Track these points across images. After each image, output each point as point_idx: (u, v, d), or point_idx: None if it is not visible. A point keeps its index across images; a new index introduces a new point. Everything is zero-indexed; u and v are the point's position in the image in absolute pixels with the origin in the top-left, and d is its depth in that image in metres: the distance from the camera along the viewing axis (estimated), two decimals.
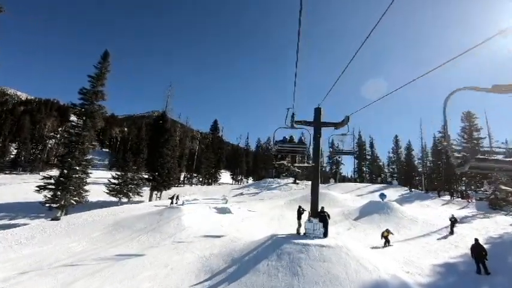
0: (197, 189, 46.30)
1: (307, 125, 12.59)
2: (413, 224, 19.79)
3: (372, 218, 21.53)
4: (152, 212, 19.20)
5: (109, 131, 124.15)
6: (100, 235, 15.73)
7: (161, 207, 20.02)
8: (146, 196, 34.99)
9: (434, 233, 17.46)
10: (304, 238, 10.90)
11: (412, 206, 27.92)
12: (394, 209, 22.43)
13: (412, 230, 18.31)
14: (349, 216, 23.03)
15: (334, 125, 12.31)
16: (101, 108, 24.23)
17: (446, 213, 23.93)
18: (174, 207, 19.32)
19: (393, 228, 19.19)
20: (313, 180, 12.10)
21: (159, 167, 34.73)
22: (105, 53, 24.68)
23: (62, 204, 21.15)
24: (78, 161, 22.61)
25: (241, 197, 38.01)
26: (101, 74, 24.15)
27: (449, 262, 11.35)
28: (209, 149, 65.40)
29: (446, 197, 33.09)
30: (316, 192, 11.85)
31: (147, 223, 17.22)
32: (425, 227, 19.03)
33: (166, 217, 17.96)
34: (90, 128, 23.54)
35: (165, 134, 35.29)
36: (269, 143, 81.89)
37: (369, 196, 35.01)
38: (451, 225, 17.16)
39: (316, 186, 11.89)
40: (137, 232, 15.80)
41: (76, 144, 22.54)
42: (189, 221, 17.49)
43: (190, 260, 11.26)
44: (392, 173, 57.97)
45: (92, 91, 23.68)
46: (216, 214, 20.47)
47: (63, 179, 21.69)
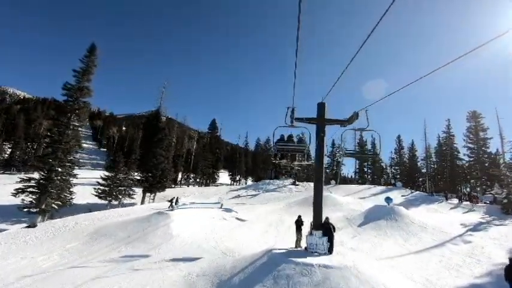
0: (194, 190, 44.64)
1: (309, 123, 10.97)
2: (423, 231, 18.18)
3: (378, 225, 19.91)
4: (139, 218, 17.55)
5: (106, 130, 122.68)
6: (76, 246, 14.09)
7: (148, 214, 18.35)
8: (139, 198, 33.38)
9: (447, 242, 15.84)
10: (306, 255, 9.28)
11: (418, 210, 26.31)
12: (402, 214, 20.80)
13: (423, 239, 16.68)
14: (353, 222, 21.41)
15: (341, 123, 10.68)
16: (86, 105, 22.57)
17: (457, 219, 22.38)
18: (163, 213, 17.69)
19: (401, 237, 17.66)
20: (316, 184, 10.43)
21: (152, 168, 33.11)
22: (91, 46, 23.00)
23: (41, 209, 19.49)
24: (61, 161, 20.94)
25: (238, 199, 36.40)
26: (87, 69, 22.48)
27: (475, 284, 9.72)
28: (207, 149, 63.79)
29: (453, 200, 31.41)
30: (319, 200, 10.21)
31: (132, 231, 15.58)
32: (436, 235, 17.41)
33: (154, 224, 16.33)
34: (75, 126, 21.89)
35: (159, 133, 33.66)
36: (268, 143, 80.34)
37: (372, 199, 33.38)
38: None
39: (320, 192, 10.25)
40: (119, 242, 14.16)
41: (59, 143, 20.88)
42: (179, 228, 15.86)
43: (173, 279, 9.63)
44: (395, 175, 56.36)
45: (76, 87, 22.02)
46: (209, 220, 18.86)
47: (44, 182, 20.03)
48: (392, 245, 15.85)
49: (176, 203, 27.00)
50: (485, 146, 46.14)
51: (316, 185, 10.32)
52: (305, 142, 38.28)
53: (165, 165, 34.25)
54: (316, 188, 10.28)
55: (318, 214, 10.17)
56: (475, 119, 47.00)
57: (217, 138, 72.63)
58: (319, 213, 10.16)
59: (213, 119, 71.95)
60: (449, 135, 50.73)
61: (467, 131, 47.27)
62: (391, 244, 16.12)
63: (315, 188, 10.27)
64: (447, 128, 51.20)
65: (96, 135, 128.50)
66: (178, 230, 15.66)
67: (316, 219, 10.14)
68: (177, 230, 15.51)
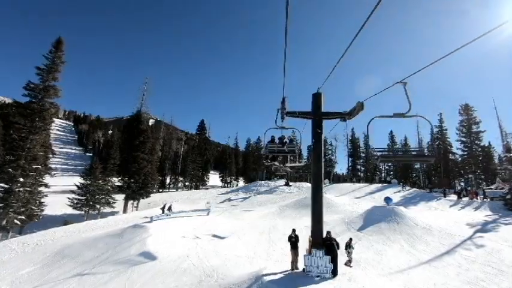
0: (181, 195, 42.34)
1: (303, 117, 9.16)
2: (429, 234, 16.66)
3: (378, 228, 18.31)
4: (111, 232, 15.39)
5: (92, 134, 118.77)
6: (32, 271, 11.87)
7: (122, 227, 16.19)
8: (121, 206, 30.98)
9: (458, 247, 14.32)
10: (305, 281, 7.46)
11: (418, 209, 24.90)
12: (403, 215, 19.28)
13: (430, 244, 15.12)
14: (351, 226, 19.76)
15: (341, 116, 8.87)
16: (53, 107, 20.17)
17: (461, 218, 21.03)
18: (139, 226, 15.56)
19: (406, 241, 16.09)
20: (314, 192, 8.59)
21: (134, 173, 30.75)
22: (57, 40, 20.56)
23: (1, 226, 17.06)
24: (24, 170, 18.52)
25: (228, 204, 34.41)
26: (53, 66, 20.09)
27: None
28: (195, 151, 61.49)
29: (452, 196, 30.28)
30: (319, 210, 8.38)
31: (101, 249, 13.43)
32: (444, 238, 15.91)
33: (128, 240, 14.21)
34: (40, 130, 19.48)
35: (140, 135, 31.29)
36: (259, 143, 78.63)
37: (368, 198, 32.01)
38: None
39: (319, 200, 8.41)
40: (83, 265, 12.00)
41: (21, 150, 18.45)
42: (157, 244, 13.78)
43: None
44: (388, 171, 55.46)
45: (41, 86, 19.61)
46: (193, 231, 16.84)
47: (3, 194, 17.59)
48: (398, 253, 14.23)
49: (169, 209, 24.92)
50: (478, 139, 45.63)
51: (314, 193, 8.48)
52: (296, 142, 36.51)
53: (148, 169, 31.92)
54: (314, 196, 8.43)
55: (317, 228, 8.34)
56: (467, 112, 46.43)
57: (206, 140, 70.41)
58: (319, 226, 8.34)
59: (201, 120, 69.85)
60: (442, 130, 50.12)
61: (460, 125, 46.68)
62: (396, 251, 14.50)
63: (314, 196, 8.43)
64: (439, 122, 50.57)
65: (81, 140, 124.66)
66: (156, 246, 13.59)
67: (316, 234, 8.31)
68: (155, 247, 13.44)
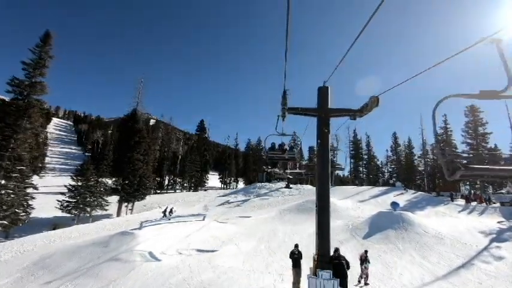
0: (178, 197, 41.09)
1: (306, 114, 7.98)
2: (441, 243, 15.44)
3: (386, 236, 17.09)
4: (97, 240, 14.20)
5: (91, 134, 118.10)
6: (4, 284, 10.69)
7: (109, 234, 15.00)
8: (114, 209, 29.80)
9: (476, 259, 13.12)
10: None
11: (426, 215, 23.67)
12: (411, 222, 18.05)
13: (444, 256, 13.90)
14: (356, 233, 18.52)
15: (352, 114, 7.64)
16: (40, 104, 19.01)
17: (472, 225, 19.73)
18: (127, 233, 14.37)
19: (417, 252, 14.86)
20: (320, 200, 7.36)
21: (129, 174, 29.59)
22: (46, 34, 19.39)
23: None
24: (7, 172, 17.36)
25: (226, 207, 33.20)
26: (40, 61, 18.94)
27: None
28: (194, 151, 60.36)
29: (459, 200, 29.03)
30: (324, 222, 7.16)
31: (84, 260, 12.23)
32: (458, 248, 14.70)
33: (114, 249, 13.02)
34: (25, 129, 18.33)
35: (136, 135, 30.13)
36: (260, 144, 77.63)
37: (372, 202, 30.75)
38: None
39: (325, 211, 7.20)
40: (61, 279, 10.80)
41: (4, 150, 17.29)
42: (143, 255, 12.60)
43: None
44: (391, 173, 54.16)
45: (27, 82, 18.46)
46: (186, 239, 15.65)
47: None
48: (409, 265, 13.00)
49: (170, 213, 23.90)
50: (484, 141, 44.39)
51: (320, 202, 7.26)
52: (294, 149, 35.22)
53: (143, 170, 30.75)
54: (320, 206, 7.22)
55: (324, 244, 7.14)
56: (473, 114, 45.20)
57: (206, 140, 69.31)
58: (326, 242, 7.13)
59: (201, 120, 68.99)
60: (447, 131, 48.94)
61: (466, 126, 45.44)
62: (407, 263, 13.27)
63: (319, 206, 7.22)
64: (444, 123, 49.38)
65: (80, 139, 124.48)
66: (144, 256, 12.41)
67: (321, 251, 7.10)
68: (142, 257, 12.26)
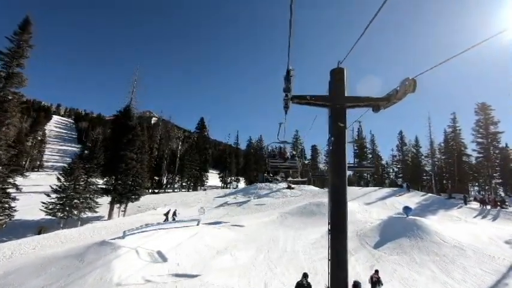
0: (175, 197, 39.42)
1: (316, 104, 6.09)
2: (463, 255, 13.67)
3: (399, 245, 15.35)
4: (72, 251, 12.50)
5: (92, 132, 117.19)
6: None
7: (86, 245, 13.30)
8: (106, 211, 28.17)
9: (508, 277, 11.36)
10: None
11: (439, 220, 21.82)
12: (427, 229, 16.30)
13: (469, 271, 12.13)
14: (365, 241, 16.81)
15: (376, 103, 5.73)
16: (18, 97, 17.34)
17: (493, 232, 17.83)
18: (107, 243, 12.65)
19: (437, 265, 13.09)
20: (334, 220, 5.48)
21: (121, 174, 27.98)
22: (25, 20, 17.65)
23: None
24: None
25: (225, 208, 31.53)
26: (18, 50, 17.26)
27: None
28: (194, 149, 58.74)
29: (472, 203, 27.18)
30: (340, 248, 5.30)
31: (52, 277, 10.54)
32: (483, 262, 12.92)
33: (89, 263, 11.32)
34: (1, 124, 16.66)
35: (129, 133, 28.49)
36: (261, 142, 76.06)
37: (380, 204, 28.93)
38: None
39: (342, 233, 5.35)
40: None
41: None
42: (124, 271, 10.87)
43: None
44: (397, 173, 52.28)
45: (3, 74, 16.79)
46: (176, 248, 13.91)
47: None
48: (431, 283, 11.25)
49: (174, 216, 22.36)
50: (496, 140, 42.38)
51: (334, 222, 5.42)
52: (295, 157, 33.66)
53: (137, 170, 29.12)
54: (334, 227, 5.39)
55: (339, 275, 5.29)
56: (484, 112, 43.17)
57: (206, 138, 67.70)
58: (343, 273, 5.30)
59: (201, 118, 67.68)
60: (456, 130, 46.98)
61: (476, 125, 43.43)
62: (428, 280, 11.53)
63: (333, 227, 5.38)
64: (453, 122, 47.42)
65: (81, 137, 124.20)
66: (124, 272, 10.71)
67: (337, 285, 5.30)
68: (121, 273, 10.56)
